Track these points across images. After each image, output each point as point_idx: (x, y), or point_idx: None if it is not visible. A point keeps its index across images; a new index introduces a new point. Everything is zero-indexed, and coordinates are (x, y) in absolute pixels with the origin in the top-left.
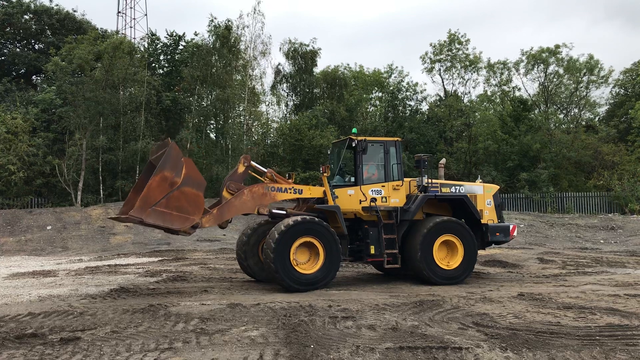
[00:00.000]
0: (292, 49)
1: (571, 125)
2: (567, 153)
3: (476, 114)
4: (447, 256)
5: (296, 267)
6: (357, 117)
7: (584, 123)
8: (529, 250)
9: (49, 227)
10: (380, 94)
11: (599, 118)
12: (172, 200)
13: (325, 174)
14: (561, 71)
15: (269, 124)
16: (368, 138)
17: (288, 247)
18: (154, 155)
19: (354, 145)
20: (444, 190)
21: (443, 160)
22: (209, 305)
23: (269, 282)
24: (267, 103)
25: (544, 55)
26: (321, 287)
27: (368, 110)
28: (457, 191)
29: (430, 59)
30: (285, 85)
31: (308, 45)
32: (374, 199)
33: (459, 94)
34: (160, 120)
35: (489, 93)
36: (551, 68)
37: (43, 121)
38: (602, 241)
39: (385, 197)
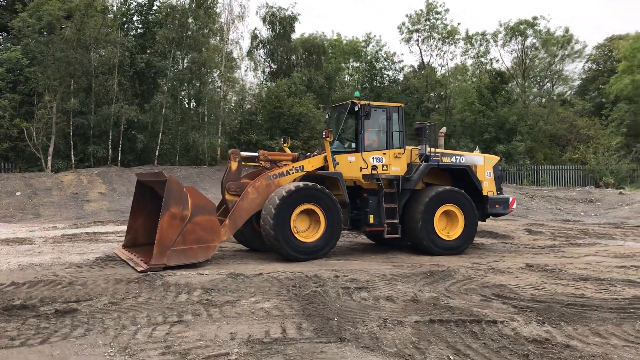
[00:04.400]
0: (270, 13)
1: (543, 100)
2: (543, 126)
3: (451, 85)
4: (447, 226)
5: (296, 235)
6: (335, 86)
7: (555, 97)
8: (513, 222)
9: (18, 193)
10: (357, 64)
11: (571, 93)
12: (188, 235)
13: (328, 139)
14: (538, 44)
15: (245, 90)
16: (372, 103)
17: (289, 214)
18: (144, 177)
19: (356, 109)
20: (444, 159)
21: (443, 129)
22: (208, 275)
23: (263, 251)
24: (245, 69)
25: (522, 27)
26: (321, 257)
27: (345, 79)
28: (458, 161)
29: (408, 28)
30: (262, 51)
31: (287, 10)
32: (374, 167)
33: (437, 65)
34: (134, 83)
35: (466, 65)
36: (529, 41)
37: (9, 82)
38: (582, 213)
39: (386, 165)
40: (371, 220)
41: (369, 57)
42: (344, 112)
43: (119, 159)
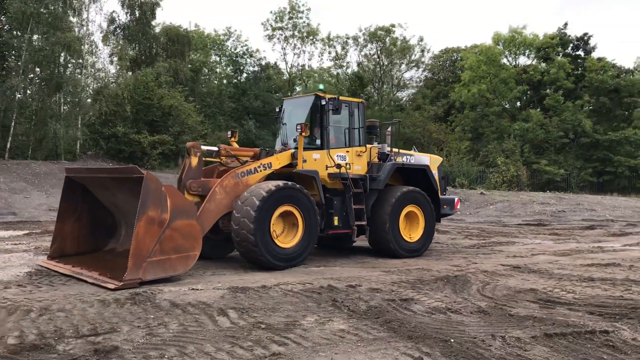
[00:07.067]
0: None
1: (383, 107)
2: (401, 129)
3: (310, 84)
4: (406, 228)
5: (275, 240)
6: (201, 80)
7: (392, 103)
8: None
9: None
10: (218, 58)
11: (408, 97)
12: (166, 243)
13: (303, 134)
14: (378, 50)
15: (108, 78)
16: (341, 97)
17: (269, 217)
18: (74, 173)
19: (322, 103)
20: (397, 159)
21: (390, 128)
22: (204, 290)
23: (211, 259)
24: (110, 54)
25: (380, 33)
26: (299, 264)
27: (209, 73)
28: (409, 161)
29: (271, 25)
30: (120, 36)
31: None
32: (339, 165)
33: (298, 64)
34: None
35: (325, 66)
36: (385, 46)
37: None
38: (458, 212)
39: (349, 164)
40: (336, 222)
41: (228, 53)
42: (307, 106)
43: None
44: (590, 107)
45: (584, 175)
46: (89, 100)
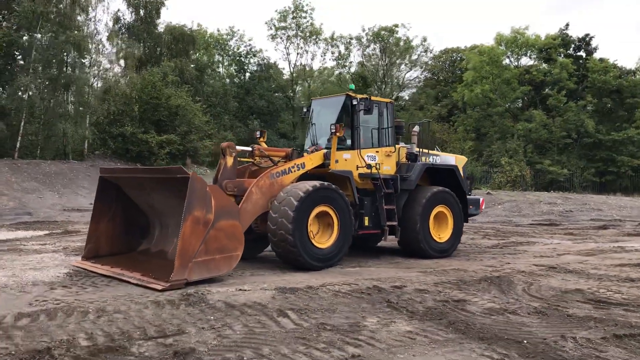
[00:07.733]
0: None
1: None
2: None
3: (308, 84)
4: (434, 228)
5: (312, 241)
6: (206, 79)
7: (407, 102)
8: None
9: None
10: (220, 57)
11: (409, 98)
12: (210, 243)
13: (337, 134)
14: (394, 49)
15: (116, 77)
16: (372, 98)
17: (307, 217)
18: (108, 173)
19: (354, 103)
20: (424, 159)
21: (416, 128)
22: (251, 291)
23: (249, 259)
24: (120, 53)
25: (383, 33)
26: (335, 264)
27: (212, 73)
28: (434, 161)
29: (275, 25)
30: (125, 36)
31: None
32: (369, 166)
33: (300, 63)
34: None
35: (329, 66)
36: (388, 46)
37: None
38: None
39: (379, 164)
40: (366, 222)
41: (230, 53)
42: (338, 106)
43: None
44: (593, 108)
45: (587, 175)
46: (91, 99)
